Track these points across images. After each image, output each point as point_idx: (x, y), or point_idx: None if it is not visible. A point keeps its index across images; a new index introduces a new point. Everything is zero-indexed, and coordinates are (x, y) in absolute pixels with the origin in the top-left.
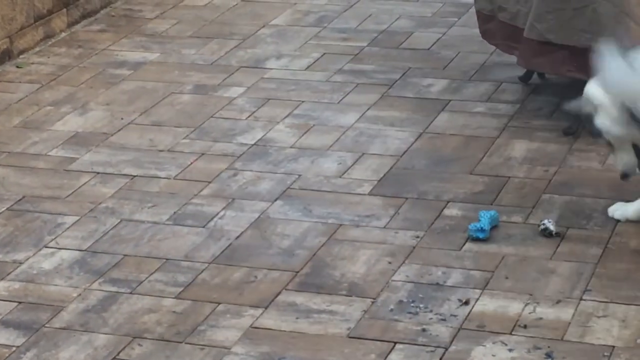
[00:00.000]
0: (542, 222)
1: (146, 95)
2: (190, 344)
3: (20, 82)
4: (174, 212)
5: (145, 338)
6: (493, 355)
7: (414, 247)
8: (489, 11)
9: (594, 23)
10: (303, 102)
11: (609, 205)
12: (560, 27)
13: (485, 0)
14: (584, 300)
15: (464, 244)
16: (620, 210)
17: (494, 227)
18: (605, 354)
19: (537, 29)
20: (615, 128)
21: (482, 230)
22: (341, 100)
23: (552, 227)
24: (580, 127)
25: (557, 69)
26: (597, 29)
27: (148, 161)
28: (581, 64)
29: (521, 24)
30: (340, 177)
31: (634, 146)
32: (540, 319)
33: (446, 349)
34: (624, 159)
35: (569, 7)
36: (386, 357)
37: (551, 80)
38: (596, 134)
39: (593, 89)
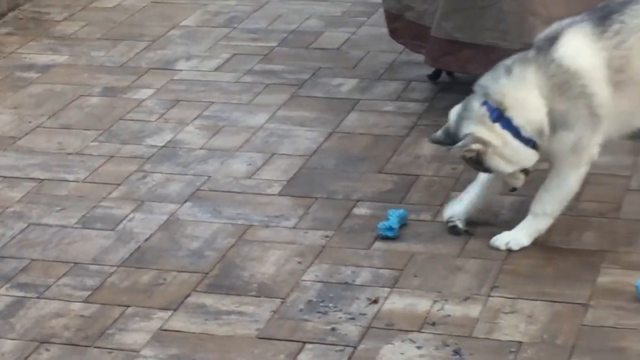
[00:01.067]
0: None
1: (55, 98)
2: (98, 347)
3: None
4: (83, 216)
5: (53, 343)
6: (401, 354)
7: (323, 247)
8: (397, 10)
9: (500, 21)
10: (213, 103)
11: (516, 203)
12: (466, 26)
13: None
14: (492, 297)
15: (373, 243)
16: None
17: (402, 226)
18: (512, 349)
19: (444, 27)
20: (509, 167)
21: (390, 228)
22: (251, 101)
23: (460, 225)
24: None
25: (464, 68)
26: (503, 27)
27: (56, 164)
28: (487, 62)
29: (428, 22)
30: (249, 177)
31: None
32: (449, 316)
33: (355, 348)
34: (512, 183)
35: (475, 5)
36: (295, 357)
37: (459, 79)
38: (482, 170)
39: (479, 131)
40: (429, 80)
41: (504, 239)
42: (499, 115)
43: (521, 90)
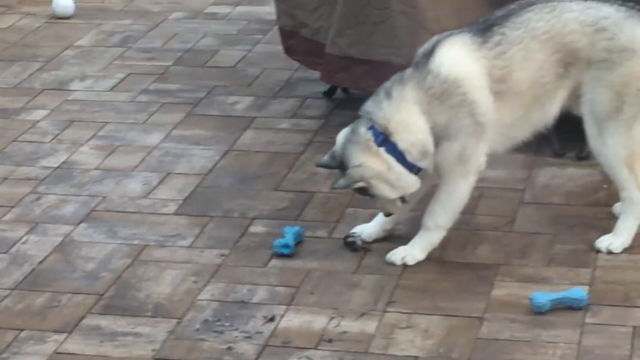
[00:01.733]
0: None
1: None
2: None
3: None
4: None
5: None
6: None
7: (219, 266)
8: (291, 27)
9: (392, 37)
10: (108, 123)
11: (412, 218)
12: (360, 42)
13: (287, 17)
14: (388, 312)
15: (270, 261)
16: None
17: (298, 243)
18: None
19: (338, 44)
20: (393, 192)
21: (286, 246)
22: (146, 120)
23: (359, 242)
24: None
25: (359, 84)
26: (395, 43)
27: None
28: (381, 78)
29: (323, 39)
30: (145, 197)
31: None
32: (345, 332)
33: None
34: (388, 208)
35: (368, 21)
36: None
37: (355, 95)
38: (367, 195)
39: (366, 157)
40: (325, 97)
41: (399, 254)
42: (384, 140)
43: (402, 112)
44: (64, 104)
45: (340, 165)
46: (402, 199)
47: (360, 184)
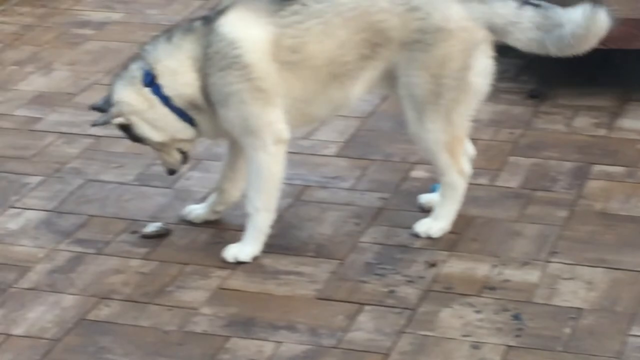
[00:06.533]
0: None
1: (110, 56)
2: (157, 304)
3: None
4: (140, 173)
5: (113, 299)
6: (460, 317)
7: (380, 209)
8: None
9: None
10: None
11: (575, 168)
12: None
13: None
14: (551, 262)
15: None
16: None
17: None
18: (572, 316)
19: None
20: (157, 134)
21: None
22: None
23: (149, 230)
24: (546, 89)
25: None
26: None
27: None
28: None
29: None
30: (306, 138)
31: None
32: (507, 281)
33: (414, 311)
34: (168, 161)
35: None
36: (354, 319)
37: None
38: (136, 140)
39: (127, 93)
40: None
41: (230, 252)
42: (151, 81)
43: (174, 60)
44: None
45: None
46: (183, 155)
47: (120, 120)
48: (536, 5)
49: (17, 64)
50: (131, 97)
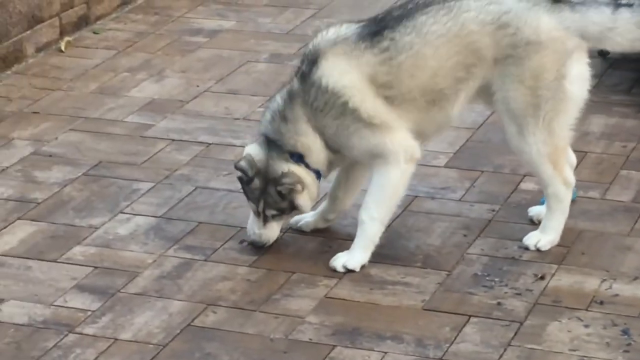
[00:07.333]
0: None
1: (222, 63)
2: (264, 312)
3: (97, 48)
4: None
5: (220, 305)
6: (569, 331)
7: (489, 221)
8: None
9: None
10: None
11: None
12: None
13: None
14: None
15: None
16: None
17: (571, 202)
18: None
19: None
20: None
21: None
22: None
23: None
24: None
25: None
26: None
27: (223, 129)
28: None
29: None
30: None
31: None
32: (617, 295)
33: (521, 324)
34: (275, 233)
35: None
36: (460, 330)
37: (630, 55)
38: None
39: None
40: (599, 55)
41: (339, 261)
42: (300, 158)
43: (301, 135)
44: None
45: (264, 176)
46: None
47: (296, 186)
48: (630, 6)
49: (130, 71)
50: (301, 173)
